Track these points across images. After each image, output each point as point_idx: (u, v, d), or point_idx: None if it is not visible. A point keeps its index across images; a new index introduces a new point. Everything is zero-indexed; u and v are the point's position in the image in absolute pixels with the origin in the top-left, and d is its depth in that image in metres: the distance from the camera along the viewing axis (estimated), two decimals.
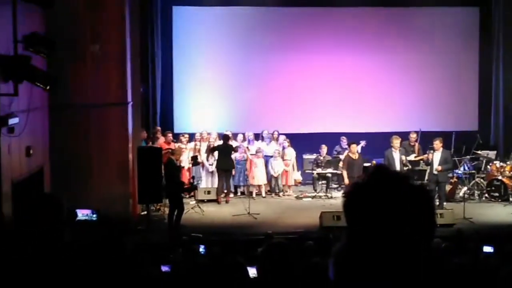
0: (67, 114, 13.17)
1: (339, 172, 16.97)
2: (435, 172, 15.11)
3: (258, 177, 17.38)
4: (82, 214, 6.91)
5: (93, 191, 13.22)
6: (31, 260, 3.70)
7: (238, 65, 19.53)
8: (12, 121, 9.67)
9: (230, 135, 17.61)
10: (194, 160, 16.81)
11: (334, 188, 17.86)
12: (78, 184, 12.96)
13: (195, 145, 17.50)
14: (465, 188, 16.62)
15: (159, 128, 18.00)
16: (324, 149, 17.83)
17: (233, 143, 17.52)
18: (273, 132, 18.27)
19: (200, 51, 19.40)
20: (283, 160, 17.78)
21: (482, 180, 17.05)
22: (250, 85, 19.51)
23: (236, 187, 17.78)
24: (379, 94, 19.72)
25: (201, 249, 9.63)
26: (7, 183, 9.75)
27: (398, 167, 15.07)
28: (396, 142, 15.65)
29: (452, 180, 16.75)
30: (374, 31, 19.51)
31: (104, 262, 4.01)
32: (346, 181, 15.76)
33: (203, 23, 19.48)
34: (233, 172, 17.34)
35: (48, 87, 10.29)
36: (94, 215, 6.81)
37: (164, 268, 7.60)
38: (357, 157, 15.91)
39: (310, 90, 19.53)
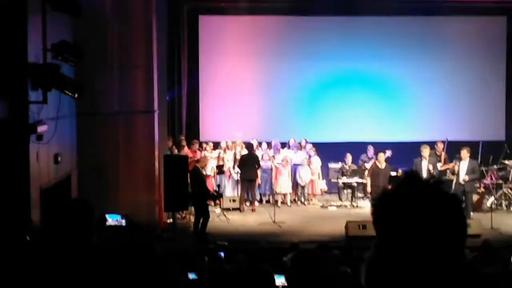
0: (94, 122, 13.27)
1: (364, 181, 16.88)
2: (462, 182, 14.99)
3: (283, 185, 17.36)
4: (112, 219, 6.95)
5: (120, 199, 13.30)
6: (60, 264, 3.73)
7: (264, 73, 19.57)
8: (41, 128, 9.77)
9: (256, 144, 17.67)
10: (220, 169, 16.88)
11: (360, 197, 17.78)
12: (104, 191, 13.03)
13: (219, 153, 17.55)
14: (492, 198, 16.43)
15: (183, 137, 18.07)
16: (349, 158, 17.78)
17: (258, 151, 17.56)
18: (301, 140, 18.26)
19: (226, 60, 19.47)
20: (309, 168, 17.74)
21: (510, 190, 16.86)
22: (275, 93, 19.54)
23: (261, 195, 17.78)
24: (405, 104, 19.63)
25: (222, 256, 9.64)
26: (36, 190, 9.84)
27: (425, 176, 14.95)
28: (425, 151, 15.59)
29: (479, 190, 16.59)
30: (399, 40, 19.44)
31: (134, 268, 4.03)
32: (369, 189, 15.67)
33: (229, 32, 19.55)
34: (259, 181, 17.36)
35: (76, 95, 10.39)
36: (124, 220, 6.86)
37: (191, 276, 7.62)
38: (383, 167, 15.81)
39: (335, 98, 19.50)
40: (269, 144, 18.10)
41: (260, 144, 18.03)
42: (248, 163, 16.80)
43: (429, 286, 1.61)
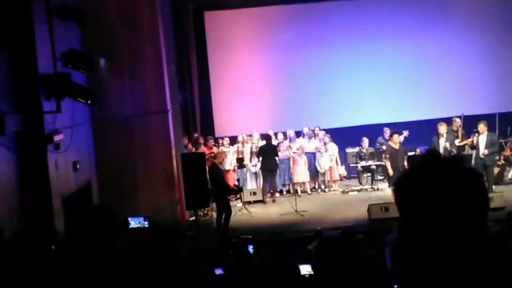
0: (109, 126, 13.33)
1: (383, 163, 16.82)
2: (482, 156, 14.91)
3: (300, 174, 17.35)
4: (134, 222, 7.00)
5: (141, 201, 13.37)
6: (87, 271, 3.77)
7: (273, 64, 19.55)
8: (57, 137, 9.83)
9: (272, 135, 17.70)
10: (240, 163, 16.92)
11: (380, 180, 17.73)
12: (125, 195, 13.10)
13: (238, 147, 17.58)
14: None
15: (199, 135, 18.13)
16: (365, 141, 17.72)
17: (275, 141, 17.58)
18: (314, 128, 18.24)
19: (234, 53, 19.48)
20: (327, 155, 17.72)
21: None
22: (287, 83, 19.52)
23: (281, 186, 17.80)
24: (417, 82, 19.51)
25: (250, 249, 9.65)
26: (57, 198, 9.92)
27: (443, 153, 14.92)
28: (442, 128, 15.53)
29: (499, 163, 16.48)
30: (411, 17, 19.31)
31: (160, 268, 4.06)
32: (390, 171, 15.59)
33: (236, 25, 19.56)
34: (278, 172, 17.38)
35: (89, 102, 10.44)
36: (146, 222, 6.91)
37: (218, 271, 7.65)
38: (398, 147, 15.75)
39: (347, 83, 19.44)
40: (284, 134, 18.11)
41: (276, 134, 18.04)
42: (267, 154, 16.82)
43: (455, 262, 1.62)
